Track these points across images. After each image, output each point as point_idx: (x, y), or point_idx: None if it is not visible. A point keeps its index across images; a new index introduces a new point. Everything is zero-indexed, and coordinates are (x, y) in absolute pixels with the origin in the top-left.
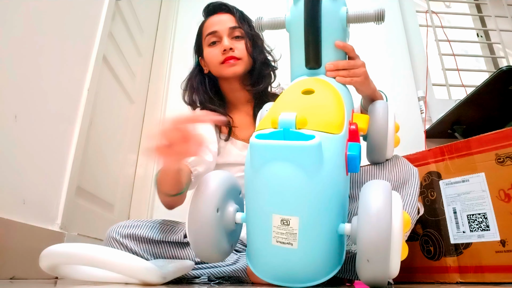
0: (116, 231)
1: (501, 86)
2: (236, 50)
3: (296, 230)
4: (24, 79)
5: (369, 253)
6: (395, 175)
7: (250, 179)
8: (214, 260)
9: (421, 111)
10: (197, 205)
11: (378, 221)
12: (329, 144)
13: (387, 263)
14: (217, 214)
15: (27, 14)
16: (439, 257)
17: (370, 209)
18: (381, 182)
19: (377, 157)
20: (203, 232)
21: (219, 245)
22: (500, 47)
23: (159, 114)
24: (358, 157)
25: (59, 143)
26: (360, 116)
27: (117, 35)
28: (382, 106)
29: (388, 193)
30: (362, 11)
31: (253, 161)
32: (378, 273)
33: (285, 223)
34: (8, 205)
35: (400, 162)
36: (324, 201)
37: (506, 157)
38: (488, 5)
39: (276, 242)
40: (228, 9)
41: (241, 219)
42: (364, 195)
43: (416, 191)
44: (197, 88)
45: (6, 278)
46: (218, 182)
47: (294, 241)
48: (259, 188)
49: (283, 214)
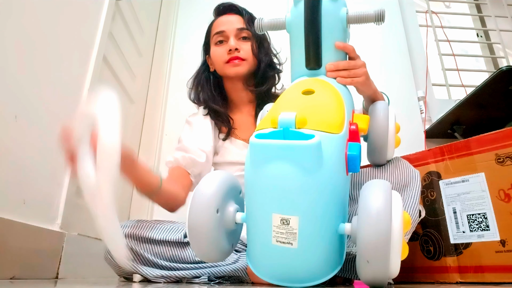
0: None
1: (501, 86)
2: (241, 51)
3: (296, 230)
4: (24, 79)
5: (369, 253)
6: (396, 177)
7: (250, 178)
8: (214, 260)
9: (421, 111)
10: (197, 205)
11: (377, 221)
12: (329, 143)
13: (387, 263)
14: (217, 214)
15: (27, 14)
16: (439, 257)
17: (370, 209)
18: (381, 181)
19: (377, 157)
20: (203, 232)
21: (219, 245)
22: (500, 47)
23: (159, 114)
24: (358, 157)
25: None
26: (360, 117)
27: (117, 35)
28: (382, 106)
29: (388, 192)
30: (362, 11)
31: (253, 160)
32: (378, 273)
33: (285, 223)
34: (9, 205)
35: (401, 165)
36: (324, 200)
37: (506, 157)
38: (488, 5)
39: (276, 241)
40: (237, 11)
41: (241, 219)
42: (364, 195)
43: (417, 194)
44: (202, 86)
45: (6, 278)
46: (218, 182)
47: (294, 240)
48: (259, 187)
49: (283, 213)
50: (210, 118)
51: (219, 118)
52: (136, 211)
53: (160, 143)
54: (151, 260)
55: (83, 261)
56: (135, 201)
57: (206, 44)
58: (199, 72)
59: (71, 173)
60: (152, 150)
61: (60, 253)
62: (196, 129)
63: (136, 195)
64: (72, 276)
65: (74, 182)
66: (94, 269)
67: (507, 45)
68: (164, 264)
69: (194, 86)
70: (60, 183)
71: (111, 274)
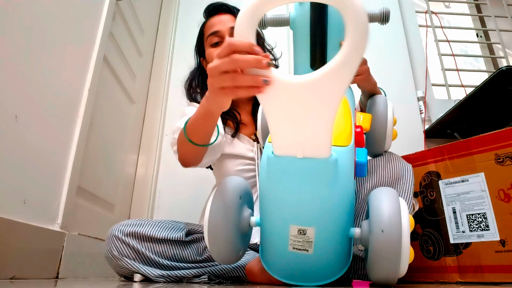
0: (118, 229)
1: (500, 86)
2: None
3: (312, 239)
4: (25, 79)
5: (382, 256)
6: (389, 171)
7: (267, 189)
8: (228, 261)
9: (421, 111)
10: (217, 207)
11: (390, 227)
12: (342, 157)
13: (399, 264)
14: (236, 217)
15: (27, 14)
16: (439, 256)
17: (382, 216)
18: (389, 190)
19: (376, 148)
20: (223, 233)
21: (235, 246)
22: (500, 47)
23: (159, 114)
24: (366, 163)
25: (59, 143)
26: (363, 116)
27: (118, 36)
28: (382, 100)
29: (396, 200)
30: (368, 11)
31: (271, 173)
32: (391, 274)
33: (302, 233)
34: (9, 205)
35: (393, 158)
36: (339, 210)
37: (506, 157)
38: (488, 5)
39: (292, 249)
40: (228, 9)
41: (256, 223)
42: (374, 202)
43: (411, 187)
44: (201, 88)
45: (6, 278)
46: (235, 186)
47: (310, 248)
48: (276, 199)
49: (300, 225)
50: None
51: (226, 114)
52: (137, 211)
53: (160, 143)
54: (152, 259)
55: (84, 261)
56: (135, 201)
57: (199, 46)
58: (194, 75)
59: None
60: (152, 150)
61: (60, 253)
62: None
63: (136, 195)
64: (72, 276)
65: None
66: (95, 269)
67: (507, 45)
68: (165, 263)
69: (192, 88)
70: (61, 183)
71: (111, 274)
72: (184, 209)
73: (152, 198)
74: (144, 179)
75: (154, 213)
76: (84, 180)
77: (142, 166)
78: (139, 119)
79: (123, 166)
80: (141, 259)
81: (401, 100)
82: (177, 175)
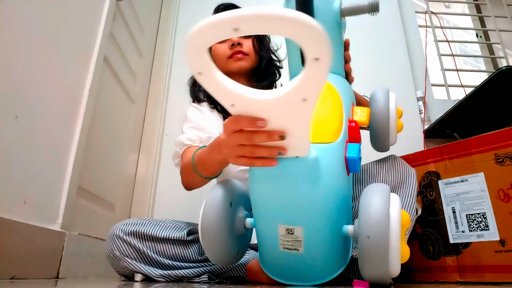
0: (119, 228)
1: (500, 86)
2: (244, 46)
3: (301, 238)
4: (25, 80)
5: (370, 260)
6: (392, 175)
7: (254, 192)
8: (224, 262)
9: (420, 111)
10: (210, 209)
11: (376, 221)
12: (326, 153)
13: (387, 260)
14: (229, 218)
15: (27, 14)
16: (438, 256)
17: (368, 210)
18: (380, 185)
19: (380, 144)
20: (215, 234)
21: (229, 247)
22: (500, 47)
23: (159, 114)
24: (357, 159)
25: (60, 143)
26: (360, 110)
27: (118, 36)
28: (383, 93)
29: (386, 194)
30: (356, 3)
31: (254, 176)
32: (380, 271)
33: (290, 232)
34: (9, 205)
35: (398, 163)
36: (326, 208)
37: (505, 157)
38: (487, 5)
39: (283, 248)
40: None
41: (251, 224)
42: (363, 198)
43: (414, 192)
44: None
45: (6, 278)
46: (229, 188)
47: (299, 247)
48: (263, 201)
49: (287, 224)
50: (217, 112)
51: (227, 115)
52: (137, 211)
53: (160, 143)
54: (154, 259)
55: (84, 261)
56: (136, 201)
57: None
58: None
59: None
60: (153, 150)
61: (61, 253)
62: (207, 115)
63: (137, 195)
64: (72, 276)
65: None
66: (95, 268)
67: (507, 45)
68: (166, 262)
69: (196, 86)
70: (61, 183)
71: (112, 273)
72: (184, 208)
73: (152, 198)
74: (144, 179)
75: (155, 212)
76: (84, 180)
77: (143, 166)
78: (139, 119)
79: (123, 166)
80: (143, 258)
81: (400, 100)
82: (177, 175)
